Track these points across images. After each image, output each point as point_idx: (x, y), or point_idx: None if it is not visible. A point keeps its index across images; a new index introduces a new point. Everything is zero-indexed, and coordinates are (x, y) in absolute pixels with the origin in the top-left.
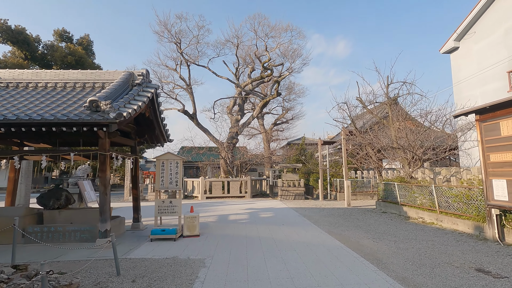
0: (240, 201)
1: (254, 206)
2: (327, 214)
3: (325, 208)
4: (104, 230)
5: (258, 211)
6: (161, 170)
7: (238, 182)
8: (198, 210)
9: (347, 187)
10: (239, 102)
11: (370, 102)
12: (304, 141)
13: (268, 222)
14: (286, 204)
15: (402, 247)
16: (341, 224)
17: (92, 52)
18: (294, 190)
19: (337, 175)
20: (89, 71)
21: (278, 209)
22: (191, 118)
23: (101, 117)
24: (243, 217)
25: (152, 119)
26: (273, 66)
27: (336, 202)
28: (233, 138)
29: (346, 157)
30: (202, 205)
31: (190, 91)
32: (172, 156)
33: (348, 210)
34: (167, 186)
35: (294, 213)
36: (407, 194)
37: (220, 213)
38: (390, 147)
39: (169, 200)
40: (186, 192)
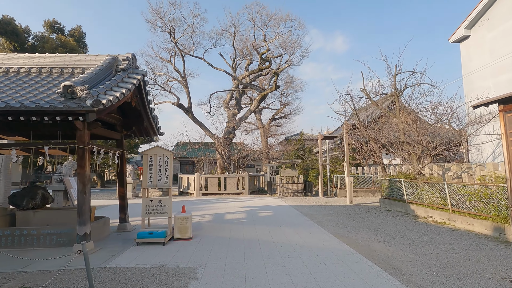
0: (237, 198)
1: (252, 203)
2: (329, 212)
3: (327, 206)
4: (83, 234)
5: (256, 209)
6: (148, 165)
7: (235, 178)
8: (192, 208)
9: (349, 184)
10: (236, 95)
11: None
12: (302, 136)
13: (267, 222)
14: (285, 201)
15: (419, 252)
16: (346, 225)
17: (84, 44)
18: (293, 187)
19: (337, 171)
20: (68, 55)
21: (277, 207)
22: (186, 112)
23: (76, 104)
24: (240, 216)
25: (140, 109)
26: (272, 57)
27: (336, 199)
28: (230, 133)
29: (348, 152)
30: (197, 202)
31: (185, 84)
32: (160, 150)
33: (351, 208)
34: (155, 183)
35: (295, 211)
36: (415, 192)
37: (215, 212)
38: (398, 141)
39: (158, 199)
40: (181, 188)
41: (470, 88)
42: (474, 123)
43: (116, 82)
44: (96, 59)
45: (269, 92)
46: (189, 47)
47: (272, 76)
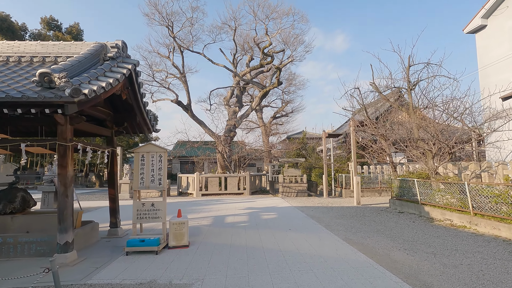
0: (239, 199)
1: (254, 204)
2: (337, 214)
3: (333, 207)
4: (64, 243)
5: (258, 211)
6: (140, 165)
7: (236, 178)
8: (191, 209)
9: (356, 184)
10: (237, 93)
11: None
12: (305, 134)
13: (271, 226)
14: (288, 202)
15: (448, 264)
16: (358, 229)
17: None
18: (297, 187)
19: (342, 170)
20: (51, 42)
21: (281, 209)
22: (185, 110)
23: (52, 94)
24: (242, 218)
25: (132, 103)
26: (274, 52)
27: (342, 200)
28: (230, 131)
29: (355, 150)
30: (196, 203)
31: (184, 80)
32: (153, 148)
33: (360, 210)
34: (147, 185)
35: (300, 213)
36: (429, 192)
37: (215, 214)
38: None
39: (151, 203)
40: (181, 188)
41: (486, 82)
42: (493, 118)
43: (103, 71)
44: (82, 47)
45: (271, 89)
46: (188, 42)
47: (274, 73)
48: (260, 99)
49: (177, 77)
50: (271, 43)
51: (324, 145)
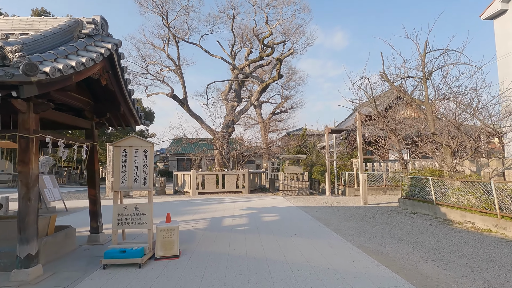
0: (237, 198)
1: (254, 204)
2: (345, 216)
3: (339, 207)
4: (26, 256)
5: (259, 212)
6: (122, 161)
7: (235, 176)
8: (185, 210)
9: (363, 182)
10: (235, 87)
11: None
12: (305, 131)
13: (274, 230)
14: (290, 201)
15: (491, 281)
16: (372, 233)
17: None
18: (298, 185)
19: (345, 168)
20: (17, 17)
21: (283, 209)
22: (181, 104)
23: (3, 72)
24: (241, 221)
25: (114, 90)
26: (274, 43)
27: (346, 199)
28: (228, 127)
29: (361, 146)
30: (192, 203)
31: (180, 73)
32: (137, 141)
33: (368, 210)
34: (130, 185)
35: (304, 214)
36: (446, 192)
37: (212, 215)
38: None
39: (134, 206)
40: (176, 186)
41: (506, 72)
42: None
43: (76, 49)
44: (54, 23)
45: (271, 82)
46: (184, 32)
47: (274, 66)
48: (260, 93)
49: (172, 69)
50: (272, 32)
51: (327, 141)
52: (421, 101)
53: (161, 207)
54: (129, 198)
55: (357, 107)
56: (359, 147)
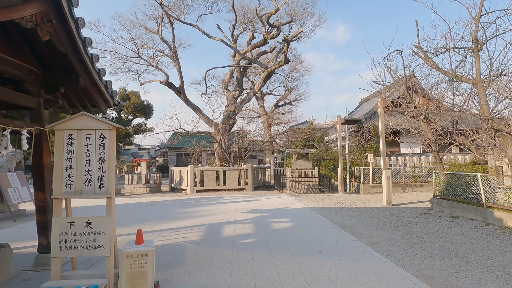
0: (240, 196)
1: (259, 205)
2: (373, 221)
3: (360, 208)
4: None
5: (266, 216)
6: (66, 152)
7: (237, 172)
8: (178, 213)
9: (386, 179)
10: (237, 75)
11: (444, 48)
12: (312, 123)
13: (289, 244)
14: (300, 201)
15: None
16: (422, 250)
17: None
18: (307, 181)
19: (358, 162)
20: None
21: (294, 211)
22: (177, 93)
23: None
24: (245, 229)
25: (66, 51)
26: (280, 24)
27: (362, 197)
28: (229, 118)
29: (384, 136)
30: (188, 203)
31: (175, 58)
32: (91, 122)
33: (398, 213)
34: (79, 188)
35: (322, 219)
36: (505, 192)
37: (210, 220)
38: (485, 119)
39: (86, 220)
40: (173, 183)
41: None
42: None
43: None
44: None
45: (276, 68)
46: (179, 11)
47: (279, 51)
48: (264, 80)
49: (166, 54)
50: (278, 9)
51: (339, 133)
52: (469, 79)
53: (150, 210)
54: (120, 197)
55: (381, 90)
56: (382, 138)
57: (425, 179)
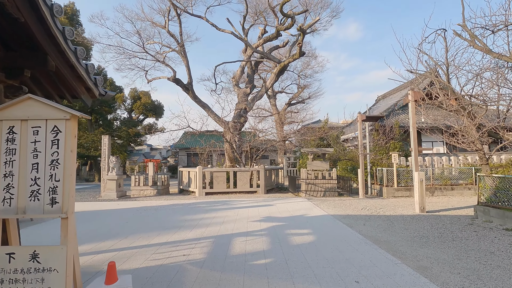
0: (251, 200)
1: (273, 211)
2: (410, 234)
3: (390, 216)
4: None
5: (283, 226)
6: (6, 153)
7: (248, 173)
8: (182, 221)
9: (420, 182)
10: (248, 71)
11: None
12: (326, 122)
13: (315, 269)
14: (319, 206)
15: None
16: (497, 281)
17: (78, 23)
18: (324, 184)
19: (379, 163)
20: None
21: (315, 220)
22: (185, 90)
23: None
24: (259, 244)
25: (26, 20)
26: (295, 14)
27: (388, 202)
28: (240, 116)
29: (416, 133)
30: (195, 208)
31: (183, 53)
32: (40, 110)
33: (436, 223)
34: (23, 203)
35: (349, 231)
36: None
37: (217, 231)
38: None
39: (31, 251)
40: (181, 185)
41: None
42: None
43: None
44: None
45: (290, 62)
46: (187, 2)
47: (293, 44)
48: (277, 75)
49: (173, 49)
50: None
51: (360, 131)
52: None
53: (153, 216)
54: (125, 200)
55: (402, 86)
56: (413, 136)
57: (455, 182)
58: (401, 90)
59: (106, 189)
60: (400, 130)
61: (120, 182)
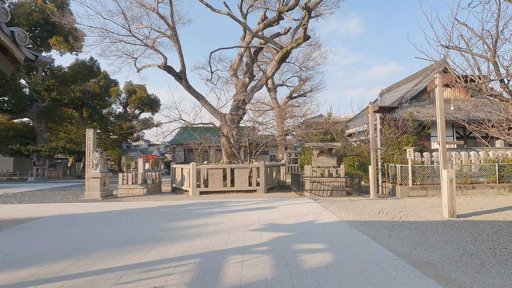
0: (251, 201)
1: (276, 216)
2: (453, 250)
3: (416, 223)
4: None
5: (288, 238)
6: None
7: (247, 170)
8: (165, 231)
9: (449, 182)
10: (247, 60)
11: None
12: (330, 115)
13: None
14: (328, 208)
15: None
16: None
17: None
18: (331, 182)
19: (391, 159)
20: None
21: (327, 228)
22: (178, 79)
23: None
24: (259, 267)
25: None
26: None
27: (404, 203)
28: (238, 108)
29: (443, 123)
30: (184, 213)
31: (175, 37)
32: None
33: (479, 233)
34: None
35: (373, 246)
36: None
37: (205, 247)
38: None
39: None
40: (175, 183)
41: None
42: None
43: None
44: None
45: (294, 47)
46: None
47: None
48: (278, 63)
49: (165, 34)
50: None
51: (371, 123)
52: None
53: (132, 223)
54: (111, 200)
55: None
56: (441, 126)
57: (475, 179)
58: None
59: (89, 188)
60: (415, 123)
61: (105, 180)
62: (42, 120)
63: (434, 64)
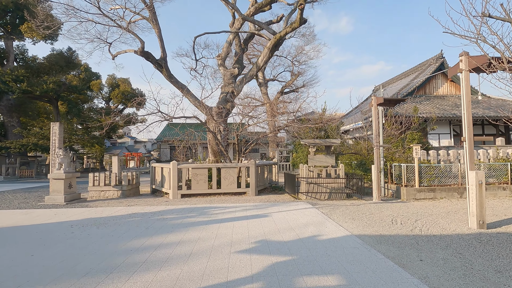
0: (239, 206)
1: (270, 228)
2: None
3: (444, 237)
4: None
5: (289, 266)
6: None
7: (235, 170)
8: (124, 253)
9: (478, 186)
10: (236, 49)
11: None
12: (325, 110)
13: None
14: (330, 217)
15: None
16: None
17: None
18: (330, 183)
19: (393, 157)
20: None
21: (336, 248)
22: (157, 67)
23: None
24: None
25: None
26: None
27: (413, 207)
28: (226, 101)
29: (470, 116)
30: (156, 224)
31: (154, 18)
32: None
33: None
34: None
35: (408, 280)
36: None
37: (171, 284)
38: None
39: None
40: (154, 184)
41: None
42: None
43: None
44: None
45: (288, 32)
46: None
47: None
48: (271, 51)
49: (143, 16)
50: None
51: (375, 117)
52: None
53: (84, 240)
54: (77, 206)
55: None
56: (468, 119)
57: (485, 180)
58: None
59: (52, 191)
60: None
61: (71, 182)
62: (14, 114)
63: (431, 60)
